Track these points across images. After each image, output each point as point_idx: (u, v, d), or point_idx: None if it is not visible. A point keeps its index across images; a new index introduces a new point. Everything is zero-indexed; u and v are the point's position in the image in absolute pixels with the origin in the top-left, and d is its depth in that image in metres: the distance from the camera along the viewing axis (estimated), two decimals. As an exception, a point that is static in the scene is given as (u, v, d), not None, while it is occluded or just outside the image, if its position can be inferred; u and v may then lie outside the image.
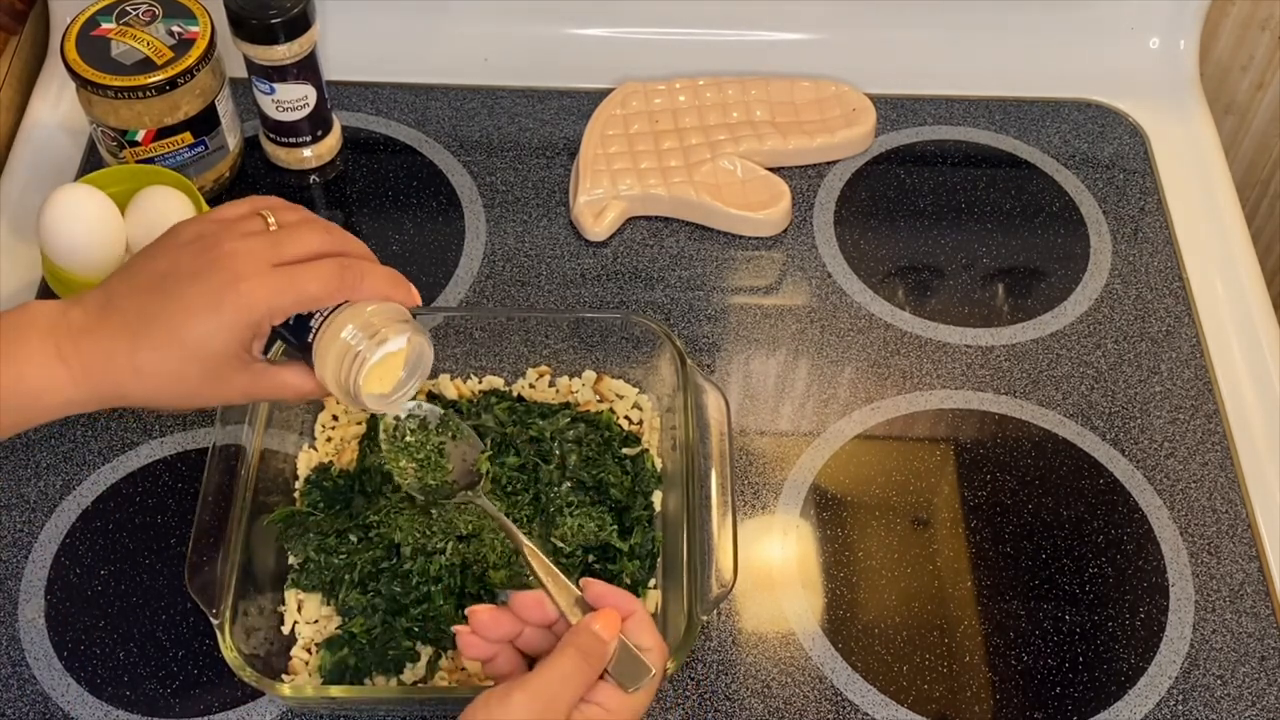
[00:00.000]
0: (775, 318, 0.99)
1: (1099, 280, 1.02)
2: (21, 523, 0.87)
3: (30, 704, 0.80)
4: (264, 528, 0.82)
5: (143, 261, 0.68)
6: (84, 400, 0.66)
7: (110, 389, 0.66)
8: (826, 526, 0.88)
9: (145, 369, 0.65)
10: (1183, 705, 0.81)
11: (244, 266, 0.66)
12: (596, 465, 0.85)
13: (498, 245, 1.02)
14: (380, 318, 0.69)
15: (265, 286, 0.66)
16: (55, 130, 1.09)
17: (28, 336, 0.65)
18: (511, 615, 0.68)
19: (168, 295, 0.66)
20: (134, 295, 0.66)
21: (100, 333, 0.65)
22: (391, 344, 0.69)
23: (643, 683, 0.65)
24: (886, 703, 0.81)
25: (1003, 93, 1.14)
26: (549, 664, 0.64)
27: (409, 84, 1.12)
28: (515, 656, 0.69)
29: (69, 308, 0.67)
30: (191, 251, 0.67)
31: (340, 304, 0.69)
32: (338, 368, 0.69)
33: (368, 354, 0.68)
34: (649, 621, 0.67)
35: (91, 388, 0.66)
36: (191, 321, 0.65)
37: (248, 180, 1.05)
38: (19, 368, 0.65)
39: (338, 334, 0.68)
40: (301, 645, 0.80)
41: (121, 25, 0.96)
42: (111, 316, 0.66)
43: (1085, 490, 0.90)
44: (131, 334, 0.65)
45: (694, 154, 1.05)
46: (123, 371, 0.65)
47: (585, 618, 0.66)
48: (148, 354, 0.65)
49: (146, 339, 0.65)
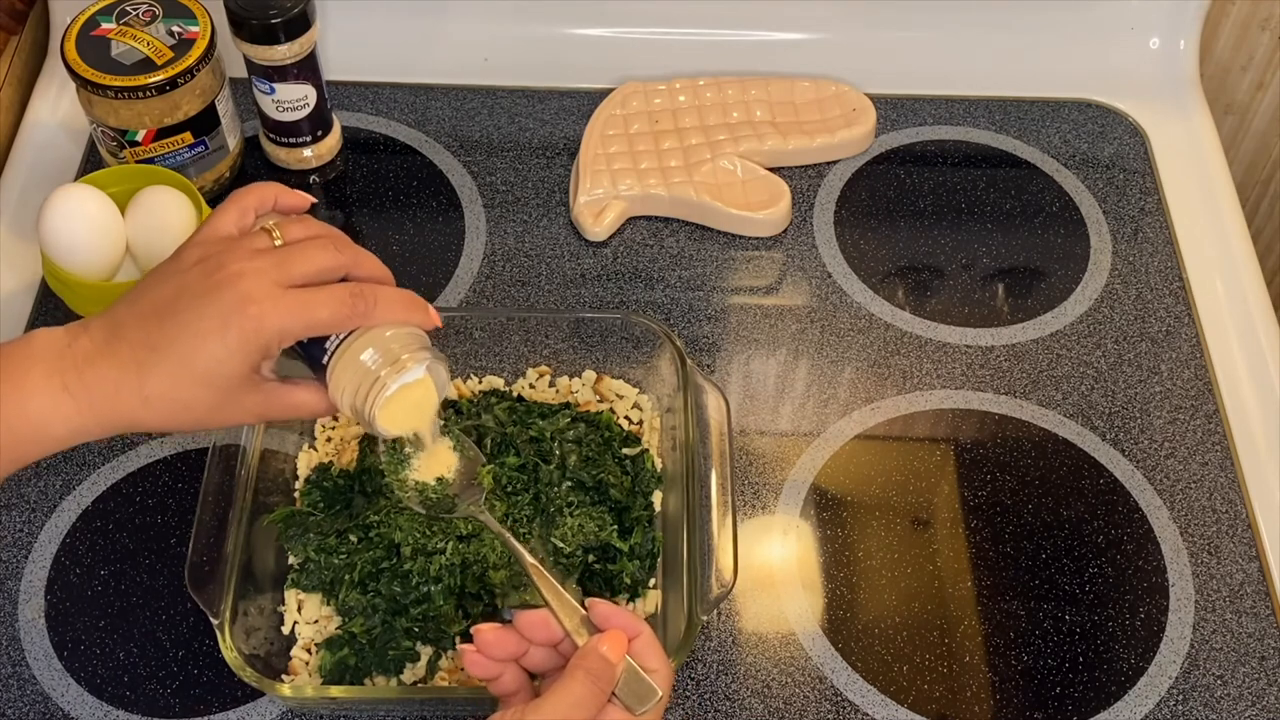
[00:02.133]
0: (775, 318, 0.99)
1: (1099, 280, 1.02)
2: (21, 523, 0.87)
3: (30, 704, 0.80)
4: (264, 528, 0.82)
5: (148, 287, 0.66)
6: (92, 430, 0.65)
7: (119, 418, 0.65)
8: (826, 526, 0.88)
9: (154, 398, 0.64)
10: (1183, 705, 0.81)
11: (252, 289, 0.64)
12: (596, 465, 0.84)
13: (498, 245, 1.02)
14: (400, 343, 0.67)
15: (275, 311, 0.64)
16: (55, 130, 1.09)
17: (32, 369, 0.64)
18: (517, 634, 0.68)
19: (175, 322, 0.64)
20: (140, 323, 0.65)
21: (107, 363, 0.64)
22: (410, 374, 0.68)
23: (649, 705, 0.65)
24: (886, 703, 0.81)
25: (1003, 93, 1.14)
26: (560, 689, 0.64)
27: (409, 84, 1.12)
28: (520, 675, 0.69)
29: (75, 337, 0.65)
30: (197, 275, 0.65)
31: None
32: (354, 393, 0.67)
33: (388, 381, 0.67)
34: (656, 643, 0.67)
35: (99, 418, 0.64)
36: (200, 349, 0.64)
37: (248, 180, 1.05)
38: (23, 402, 0.63)
39: (356, 357, 0.67)
40: (301, 645, 0.80)
41: (121, 25, 0.96)
42: (118, 346, 0.64)
43: (1085, 490, 0.90)
44: (138, 364, 0.64)
45: (694, 154, 1.05)
46: (131, 401, 0.64)
47: (592, 639, 0.66)
48: (156, 383, 0.64)
49: (154, 369, 0.64)
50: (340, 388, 0.67)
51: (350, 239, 0.70)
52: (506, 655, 0.68)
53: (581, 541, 0.82)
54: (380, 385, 0.67)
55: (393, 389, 0.67)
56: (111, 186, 0.92)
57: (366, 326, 0.67)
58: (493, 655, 0.68)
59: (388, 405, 0.68)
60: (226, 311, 0.63)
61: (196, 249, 0.67)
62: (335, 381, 0.67)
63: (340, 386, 0.67)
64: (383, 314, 0.67)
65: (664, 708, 0.67)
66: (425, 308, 0.69)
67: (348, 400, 0.68)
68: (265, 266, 0.65)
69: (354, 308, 0.66)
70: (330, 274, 0.67)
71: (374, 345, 0.67)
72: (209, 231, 0.68)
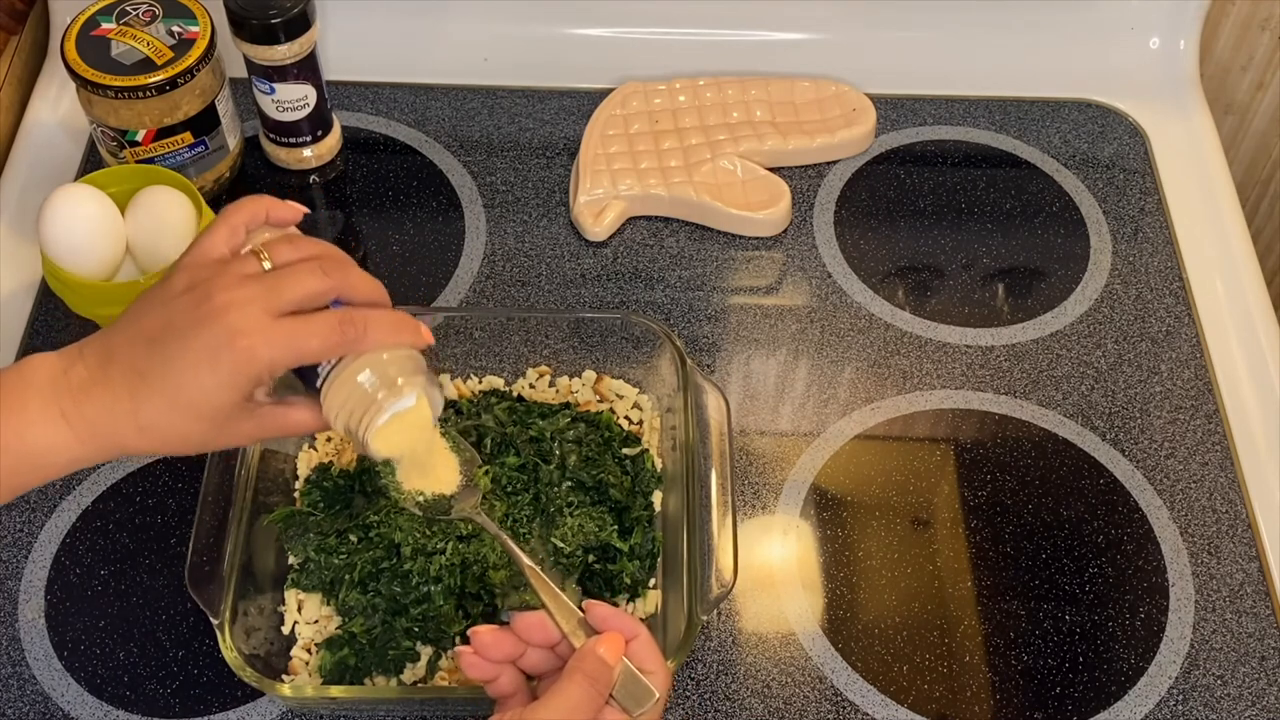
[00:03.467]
0: (775, 318, 0.99)
1: (1099, 280, 1.02)
2: (21, 523, 0.87)
3: (30, 704, 0.80)
4: (264, 528, 0.82)
5: (139, 313, 0.66)
6: (90, 458, 0.65)
7: (115, 445, 0.65)
8: (826, 526, 0.88)
9: (149, 427, 0.64)
10: (1183, 705, 0.81)
11: (240, 321, 0.63)
12: (596, 465, 0.84)
13: (498, 245, 1.02)
14: (396, 367, 0.67)
15: (265, 343, 0.63)
16: (55, 130, 1.09)
17: (30, 399, 0.64)
18: (514, 636, 0.68)
19: (165, 353, 0.63)
20: (133, 350, 0.64)
21: (102, 390, 0.64)
22: (405, 401, 0.67)
23: (646, 706, 0.65)
24: (886, 703, 0.81)
25: (1003, 93, 1.14)
26: (557, 691, 0.64)
27: (409, 84, 1.12)
28: (517, 677, 0.69)
29: (70, 364, 0.65)
30: (186, 304, 0.64)
31: None
32: (349, 415, 0.67)
33: (384, 405, 0.66)
34: (653, 645, 0.67)
35: (97, 445, 0.64)
36: (190, 381, 0.63)
37: (248, 180, 1.05)
38: (21, 432, 0.63)
39: (352, 379, 0.66)
40: (301, 645, 0.80)
41: (121, 25, 0.96)
42: (113, 373, 0.64)
43: (1085, 490, 0.90)
44: (132, 392, 0.63)
45: (694, 154, 1.05)
46: (126, 429, 0.64)
47: (589, 642, 0.66)
48: (149, 413, 0.63)
49: (147, 399, 0.63)
50: (334, 410, 0.67)
51: (343, 256, 0.68)
52: (504, 657, 0.68)
53: (581, 541, 0.82)
54: (376, 409, 0.66)
55: (387, 415, 0.67)
56: (111, 186, 0.92)
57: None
58: (490, 657, 0.68)
59: (382, 429, 0.67)
60: (215, 346, 0.62)
61: (185, 274, 0.66)
62: (329, 403, 0.67)
63: (334, 408, 0.67)
64: (373, 339, 0.66)
65: (662, 709, 0.67)
66: (416, 328, 0.68)
67: (342, 422, 0.67)
68: (254, 295, 0.64)
69: (344, 335, 0.65)
70: (320, 299, 0.66)
71: (370, 368, 0.66)
72: (198, 254, 0.67)
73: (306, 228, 0.84)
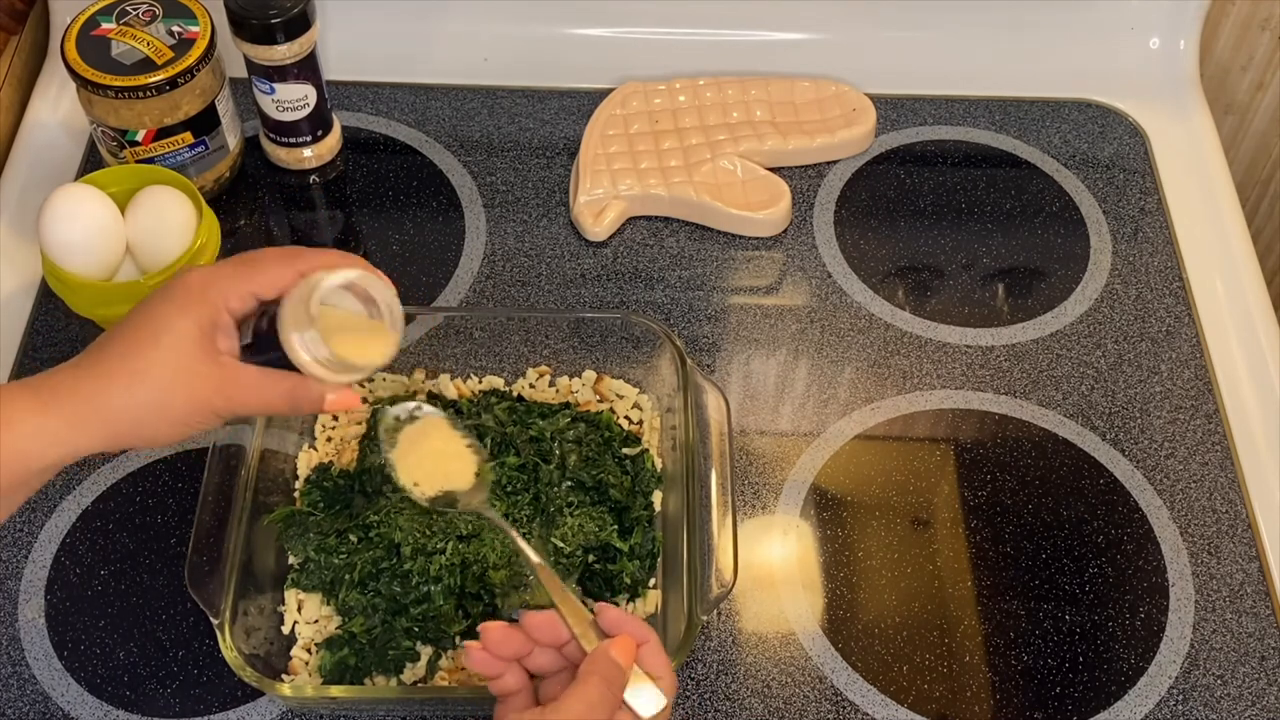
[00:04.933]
0: (775, 318, 0.99)
1: (1099, 280, 1.02)
2: (21, 523, 0.87)
3: (30, 704, 0.80)
4: (264, 528, 0.82)
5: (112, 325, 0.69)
6: (80, 444, 0.66)
7: (101, 431, 0.66)
8: (826, 526, 0.88)
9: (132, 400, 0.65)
10: (1183, 705, 0.81)
11: (194, 271, 0.68)
12: (596, 465, 0.84)
13: (498, 245, 1.02)
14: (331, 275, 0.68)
15: (216, 272, 0.68)
16: (55, 130, 1.09)
17: (12, 397, 0.65)
18: (523, 634, 0.68)
19: (134, 324, 0.67)
20: (106, 344, 0.67)
21: (80, 384, 0.65)
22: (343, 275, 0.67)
23: (656, 711, 0.65)
24: (886, 703, 0.81)
25: (1003, 93, 1.14)
26: (575, 693, 0.64)
27: (409, 84, 1.12)
28: (522, 675, 0.69)
29: (45, 376, 0.67)
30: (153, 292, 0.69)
31: None
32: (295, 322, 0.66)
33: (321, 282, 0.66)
34: (662, 651, 0.68)
35: (88, 435, 0.65)
36: (158, 327, 0.66)
37: (248, 180, 1.05)
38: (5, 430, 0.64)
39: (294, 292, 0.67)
40: (301, 645, 0.80)
41: (121, 25, 0.96)
42: (89, 366, 0.66)
43: (1085, 490, 0.90)
44: (108, 374, 0.65)
45: (694, 154, 1.05)
46: (109, 410, 0.65)
47: (603, 645, 0.66)
48: (128, 380, 0.65)
49: (123, 369, 0.65)
50: (286, 328, 0.66)
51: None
52: (512, 654, 0.68)
53: (581, 541, 0.82)
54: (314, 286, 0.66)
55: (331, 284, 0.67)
56: (111, 186, 0.92)
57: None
58: (498, 653, 0.68)
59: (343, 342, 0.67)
60: (175, 287, 0.68)
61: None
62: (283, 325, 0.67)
63: (286, 327, 0.67)
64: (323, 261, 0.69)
65: (669, 714, 0.67)
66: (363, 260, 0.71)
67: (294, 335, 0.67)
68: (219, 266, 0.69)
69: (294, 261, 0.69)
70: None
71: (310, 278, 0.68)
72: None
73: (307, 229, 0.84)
